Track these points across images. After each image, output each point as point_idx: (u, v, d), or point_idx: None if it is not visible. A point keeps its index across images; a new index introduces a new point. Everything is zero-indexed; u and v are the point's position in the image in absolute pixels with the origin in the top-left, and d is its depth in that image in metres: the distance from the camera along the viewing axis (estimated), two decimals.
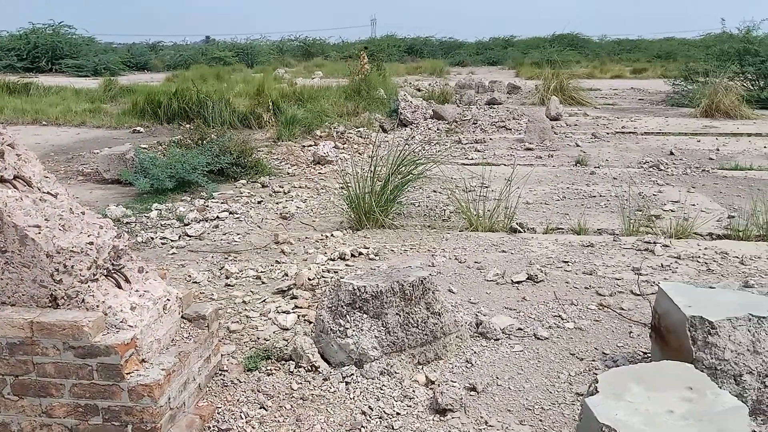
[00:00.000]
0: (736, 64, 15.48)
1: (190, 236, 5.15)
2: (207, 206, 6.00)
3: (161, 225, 5.46)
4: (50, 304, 2.27)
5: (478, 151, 9.36)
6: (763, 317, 2.39)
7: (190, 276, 4.23)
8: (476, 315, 3.53)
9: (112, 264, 2.38)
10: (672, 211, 5.79)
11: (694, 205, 5.98)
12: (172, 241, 5.03)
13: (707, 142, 9.88)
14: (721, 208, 5.88)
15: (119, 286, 2.36)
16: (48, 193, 2.39)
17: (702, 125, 11.73)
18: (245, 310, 3.71)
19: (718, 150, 9.09)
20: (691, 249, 4.63)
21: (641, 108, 15.30)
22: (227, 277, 4.24)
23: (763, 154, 8.81)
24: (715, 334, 2.38)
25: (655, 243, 4.72)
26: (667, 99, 16.38)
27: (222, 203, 6.15)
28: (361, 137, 10.55)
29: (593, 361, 3.06)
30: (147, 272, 2.51)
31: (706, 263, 4.33)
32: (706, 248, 4.65)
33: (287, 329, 3.43)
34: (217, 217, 5.67)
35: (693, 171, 7.61)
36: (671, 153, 8.81)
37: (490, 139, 10.50)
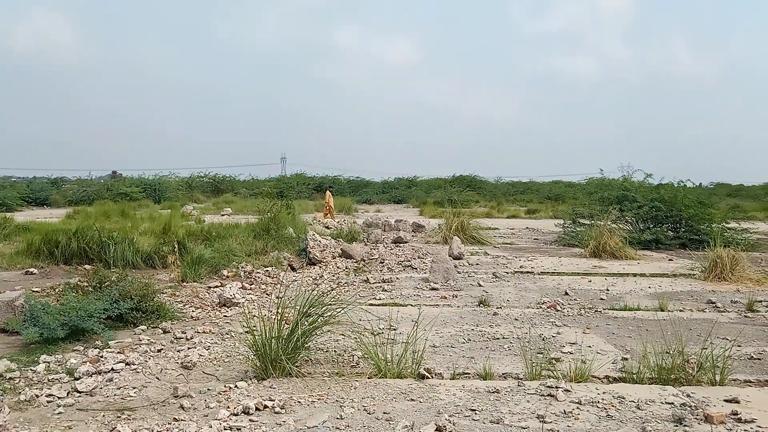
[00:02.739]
0: (616, 209, 16.98)
1: (80, 392, 4.79)
2: (101, 357, 5.64)
3: (48, 380, 5.05)
4: None
5: (386, 290, 9.50)
6: None
7: None
8: None
9: None
10: (570, 353, 6.02)
11: (590, 346, 6.26)
12: (59, 398, 4.65)
13: (597, 282, 10.55)
14: (615, 350, 6.19)
15: None
16: None
17: (592, 265, 12.57)
18: None
19: (607, 290, 9.70)
20: (590, 393, 4.80)
21: (537, 248, 16.26)
22: None
23: (648, 294, 9.48)
24: None
25: (557, 388, 4.85)
26: (558, 239, 17.55)
27: (118, 353, 5.80)
28: (269, 277, 10.48)
29: None
30: None
31: (605, 408, 4.48)
32: (604, 392, 4.82)
33: None
34: (112, 369, 5.32)
35: (587, 312, 8.04)
36: (566, 293, 9.31)
37: (397, 278, 10.72)
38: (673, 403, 4.58)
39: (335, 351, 6.06)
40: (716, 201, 20.51)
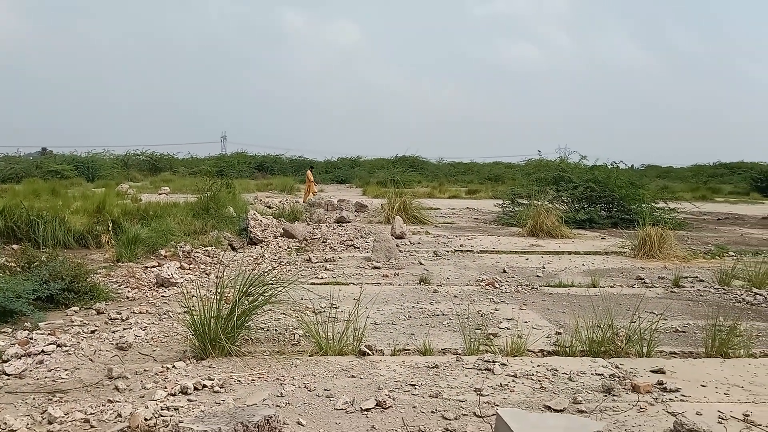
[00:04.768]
0: (553, 189, 17.45)
1: (8, 375, 4.61)
2: (31, 339, 5.43)
3: None
4: None
5: (328, 270, 9.50)
6: None
7: (5, 423, 3.75)
8: None
9: None
10: (507, 328, 6.19)
11: (526, 322, 6.45)
12: None
13: (534, 260, 10.85)
14: (550, 325, 6.40)
15: None
16: None
17: (529, 244, 12.91)
18: None
19: (544, 268, 9.99)
20: (525, 367, 4.95)
21: (476, 227, 16.56)
22: (50, 422, 3.81)
23: (582, 271, 9.83)
24: None
25: (494, 362, 4.98)
26: (498, 218, 17.92)
27: (49, 334, 5.60)
28: (209, 257, 10.30)
29: None
30: None
31: (539, 381, 4.64)
32: (538, 365, 4.99)
33: None
34: (43, 351, 5.14)
35: (524, 288, 8.27)
36: (504, 271, 9.54)
37: (340, 257, 10.73)
38: (602, 374, 4.79)
39: (276, 330, 6.03)
40: (647, 182, 21.33)
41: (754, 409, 4.13)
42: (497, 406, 4.07)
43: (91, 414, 3.94)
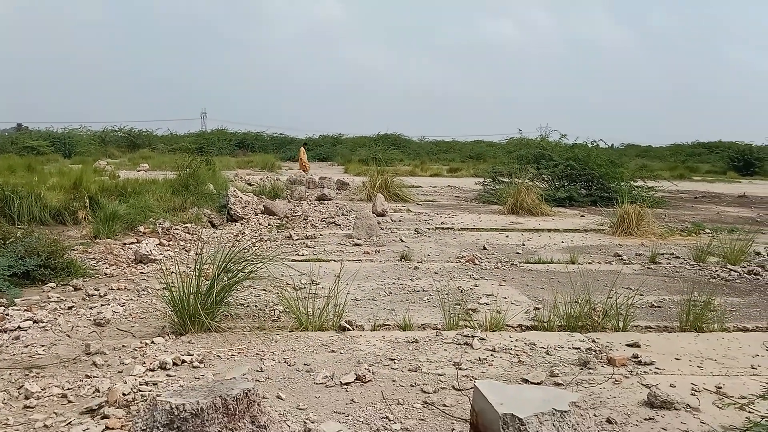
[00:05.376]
0: (533, 167, 17.53)
1: None
2: (7, 315, 5.37)
3: None
4: None
5: (309, 247, 9.48)
6: (565, 411, 2.63)
7: None
8: (305, 423, 3.46)
9: None
10: (487, 304, 6.24)
11: (505, 297, 6.51)
12: None
13: (514, 237, 10.92)
14: (528, 300, 6.46)
15: None
16: None
17: (509, 221, 12.99)
18: None
19: (523, 245, 10.07)
20: (504, 341, 5.00)
21: (457, 205, 16.62)
22: (27, 398, 3.77)
23: (561, 248, 9.92)
24: (524, 430, 2.58)
25: (473, 337, 5.03)
26: (479, 196, 17.99)
27: (25, 310, 5.54)
28: (188, 233, 10.22)
29: None
30: None
31: (517, 355, 4.70)
32: (516, 340, 5.05)
33: None
34: (19, 326, 5.08)
35: (503, 265, 8.33)
36: (484, 248, 9.60)
37: (321, 234, 10.71)
38: (579, 348, 4.85)
39: (256, 306, 6.02)
40: (626, 161, 21.49)
41: (727, 382, 4.22)
42: (475, 379, 4.12)
43: (69, 389, 3.91)
